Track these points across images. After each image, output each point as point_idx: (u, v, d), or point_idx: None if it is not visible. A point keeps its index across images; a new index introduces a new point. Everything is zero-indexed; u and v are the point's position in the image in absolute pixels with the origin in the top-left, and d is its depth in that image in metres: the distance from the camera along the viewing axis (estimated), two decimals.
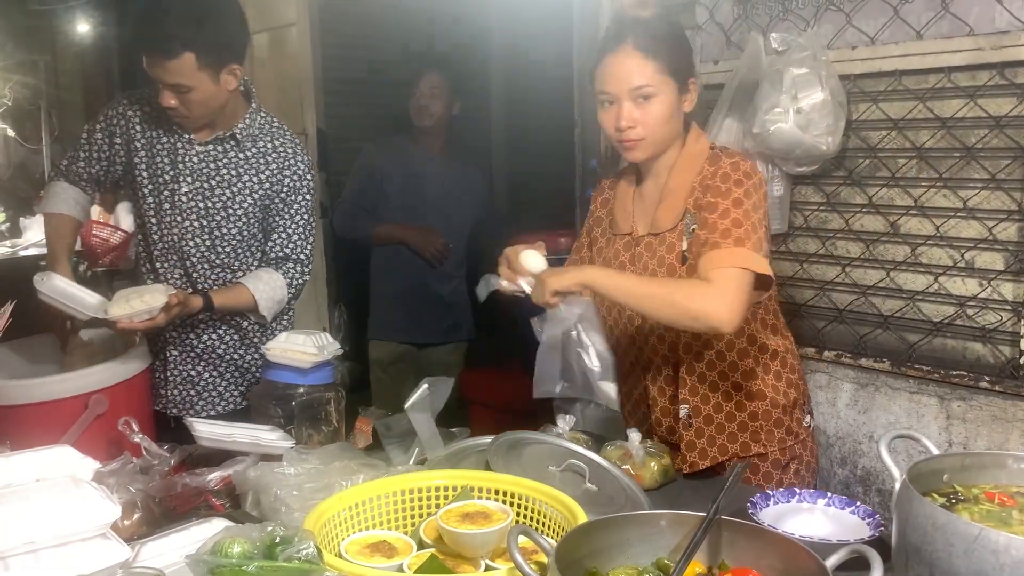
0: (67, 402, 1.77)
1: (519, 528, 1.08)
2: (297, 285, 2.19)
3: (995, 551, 0.99)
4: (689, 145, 1.79)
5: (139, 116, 2.15)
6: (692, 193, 1.74)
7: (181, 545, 1.27)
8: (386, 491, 1.38)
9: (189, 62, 1.91)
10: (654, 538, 1.16)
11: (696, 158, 1.77)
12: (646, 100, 1.69)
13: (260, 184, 2.12)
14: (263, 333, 2.25)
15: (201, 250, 2.14)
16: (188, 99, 1.97)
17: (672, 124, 1.74)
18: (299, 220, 2.16)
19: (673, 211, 1.76)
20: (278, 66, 4.51)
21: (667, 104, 1.70)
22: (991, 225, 2.12)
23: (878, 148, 2.29)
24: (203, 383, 2.24)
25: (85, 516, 1.12)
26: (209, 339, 2.21)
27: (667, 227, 1.76)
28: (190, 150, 2.11)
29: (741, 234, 1.63)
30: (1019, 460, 1.23)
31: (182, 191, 2.11)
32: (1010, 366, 2.12)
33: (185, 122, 2.07)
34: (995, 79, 2.07)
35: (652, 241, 1.78)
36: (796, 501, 1.51)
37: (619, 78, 1.70)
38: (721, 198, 1.68)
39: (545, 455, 1.60)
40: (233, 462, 1.60)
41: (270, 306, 2.12)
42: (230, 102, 2.08)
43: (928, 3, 2.15)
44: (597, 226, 1.98)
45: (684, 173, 1.76)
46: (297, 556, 1.08)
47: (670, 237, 1.75)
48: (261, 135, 2.14)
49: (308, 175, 2.17)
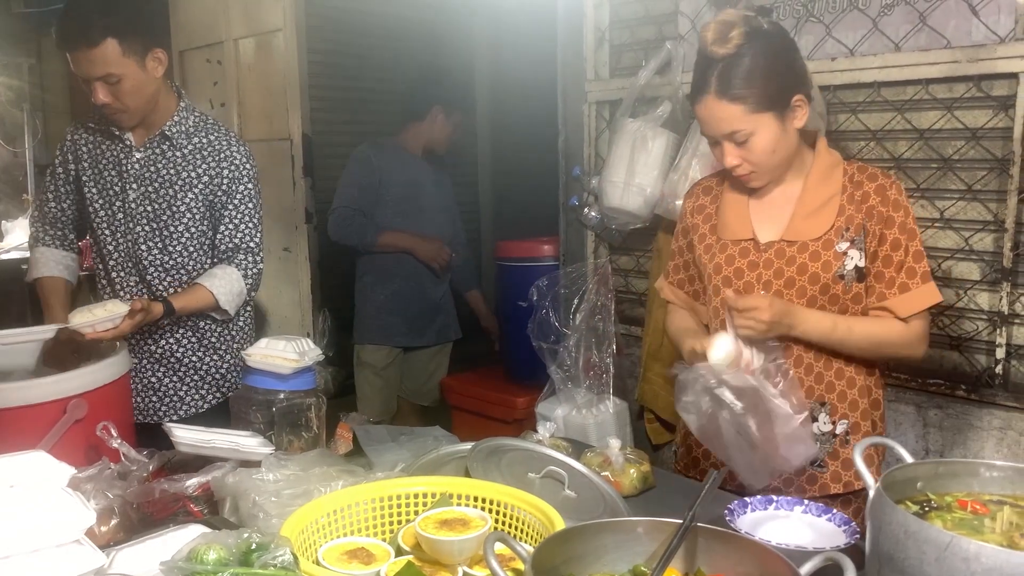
0: (45, 407, 1.75)
1: (496, 535, 1.08)
2: (252, 275, 2.19)
3: (966, 559, 0.99)
4: (822, 155, 1.74)
5: (84, 138, 2.23)
6: (843, 212, 1.69)
7: (157, 552, 1.26)
8: (365, 498, 1.38)
9: (113, 48, 1.97)
10: (631, 545, 1.17)
11: (832, 169, 1.72)
12: (745, 140, 1.64)
13: (199, 178, 2.14)
14: (221, 336, 2.25)
15: (154, 253, 2.17)
16: (120, 90, 2.02)
17: (782, 148, 1.67)
18: (244, 209, 2.17)
19: (817, 222, 1.70)
20: (264, 72, 4.50)
21: (768, 137, 1.64)
22: (968, 235, 2.15)
23: (857, 158, 2.31)
24: (163, 389, 2.24)
25: (59, 523, 1.11)
26: (167, 343, 2.22)
27: (811, 236, 1.69)
28: (131, 157, 2.16)
29: (924, 268, 1.68)
30: (992, 468, 1.24)
31: (130, 198, 2.16)
32: (986, 375, 2.14)
33: (122, 118, 2.09)
34: (972, 91, 2.10)
35: (786, 248, 1.71)
36: (773, 508, 1.51)
37: (711, 125, 1.66)
38: (899, 231, 1.67)
39: (525, 462, 1.60)
40: (211, 468, 1.59)
41: (230, 299, 2.14)
42: (161, 99, 2.13)
43: (906, 16, 2.18)
44: (693, 233, 1.87)
45: (824, 185, 1.71)
46: (273, 563, 1.08)
47: (814, 246, 1.69)
48: (196, 131, 2.17)
49: (247, 164, 2.18)
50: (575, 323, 2.81)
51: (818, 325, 1.67)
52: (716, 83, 1.61)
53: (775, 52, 1.63)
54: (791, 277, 1.70)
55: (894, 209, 1.67)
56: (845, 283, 1.69)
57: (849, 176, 1.72)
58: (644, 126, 2.61)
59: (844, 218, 1.69)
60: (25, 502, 1.15)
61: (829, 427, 1.75)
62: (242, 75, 4.62)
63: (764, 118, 1.62)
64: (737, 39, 1.59)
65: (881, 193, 1.68)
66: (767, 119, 1.62)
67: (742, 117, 1.61)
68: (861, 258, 1.68)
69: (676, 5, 2.69)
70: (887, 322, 1.70)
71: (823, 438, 1.75)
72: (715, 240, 1.81)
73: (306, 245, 4.43)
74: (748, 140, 1.64)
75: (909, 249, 1.68)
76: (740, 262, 1.75)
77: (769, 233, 1.74)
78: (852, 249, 1.68)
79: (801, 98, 1.66)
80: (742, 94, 1.60)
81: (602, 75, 2.96)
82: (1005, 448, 2.09)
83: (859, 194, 1.69)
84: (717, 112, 1.63)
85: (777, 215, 1.75)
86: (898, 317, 1.68)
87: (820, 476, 1.76)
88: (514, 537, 1.32)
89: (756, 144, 1.64)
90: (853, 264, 1.68)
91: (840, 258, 1.68)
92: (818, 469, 1.76)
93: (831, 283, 1.68)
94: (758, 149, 1.65)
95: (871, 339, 1.70)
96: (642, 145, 2.60)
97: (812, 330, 1.67)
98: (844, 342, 1.69)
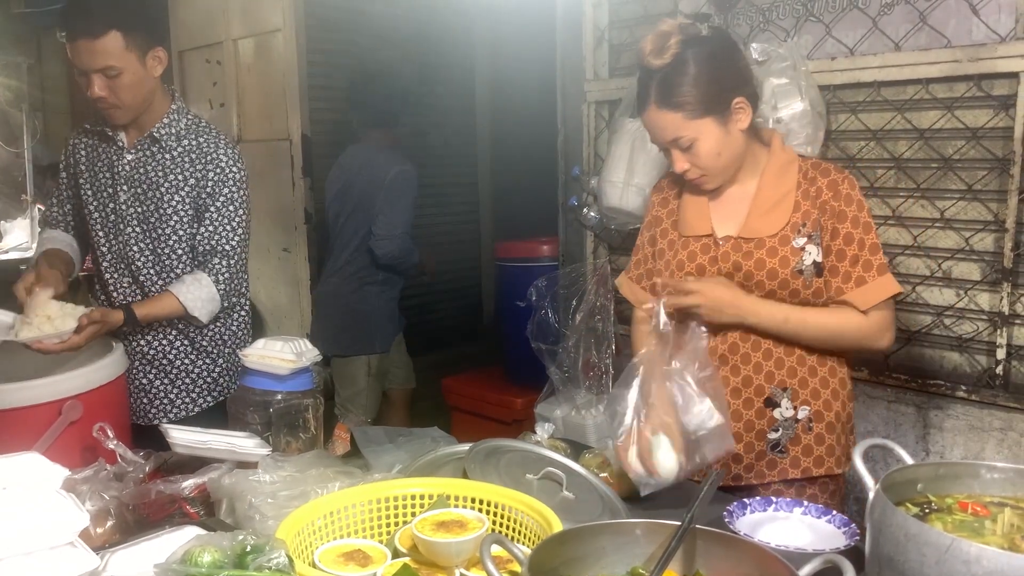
0: (40, 408, 1.75)
1: (492, 537, 1.07)
2: (224, 279, 2.15)
3: (966, 561, 0.99)
4: (776, 153, 1.77)
5: (83, 141, 2.25)
6: (799, 208, 1.71)
7: (152, 554, 1.25)
8: (362, 499, 1.37)
9: (116, 41, 1.98)
10: (629, 547, 1.16)
11: (788, 166, 1.75)
12: (689, 145, 1.68)
13: (185, 181, 2.14)
14: (213, 339, 2.24)
15: (145, 254, 2.17)
16: (117, 84, 2.02)
17: (727, 151, 1.70)
18: (224, 212, 2.15)
19: (774, 219, 1.72)
20: (263, 72, 4.50)
21: (711, 141, 1.67)
22: (968, 235, 2.14)
23: (857, 158, 2.31)
24: (155, 391, 2.23)
25: (52, 525, 1.10)
26: (160, 346, 2.21)
27: (768, 233, 1.72)
28: (122, 159, 2.16)
29: (880, 260, 1.70)
30: (992, 470, 1.24)
31: (121, 200, 2.16)
32: (986, 375, 2.14)
33: (115, 113, 2.09)
34: (972, 91, 2.09)
35: (743, 244, 1.73)
36: (773, 510, 1.50)
37: (655, 133, 1.72)
38: (852, 225, 1.69)
39: (523, 463, 1.59)
40: (208, 469, 1.58)
41: (198, 305, 2.10)
42: (156, 99, 2.13)
43: (906, 15, 2.17)
44: (656, 226, 1.90)
45: (779, 181, 1.74)
46: (268, 565, 1.07)
47: (771, 242, 1.71)
48: (186, 134, 2.17)
49: (233, 168, 2.16)
50: (574, 323, 2.80)
51: (771, 317, 1.70)
52: (656, 93, 1.66)
53: (712, 57, 1.66)
54: (749, 271, 1.72)
55: (846, 204, 1.69)
56: (805, 278, 1.70)
57: (804, 172, 1.74)
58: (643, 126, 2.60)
59: (800, 214, 1.72)
60: (18, 504, 1.14)
61: (791, 412, 1.76)
62: (241, 75, 4.62)
63: (704, 123, 1.66)
64: (674, 48, 1.63)
65: (833, 188, 1.70)
66: (708, 124, 1.66)
67: (682, 124, 1.66)
68: (819, 253, 1.71)
69: (675, 5, 2.68)
70: (845, 314, 1.71)
71: (785, 423, 1.77)
72: (676, 236, 1.84)
73: (305, 245, 4.44)
74: (692, 145, 1.68)
75: (864, 243, 1.69)
76: (701, 258, 1.78)
77: (727, 229, 1.77)
78: (810, 244, 1.70)
79: (742, 100, 1.68)
80: (680, 102, 1.64)
81: (601, 75, 2.95)
82: (1006, 449, 2.09)
83: (813, 190, 1.72)
84: (659, 121, 1.68)
85: (735, 212, 1.78)
86: (859, 310, 1.69)
87: (780, 461, 1.78)
88: (512, 539, 1.31)
89: (700, 149, 1.68)
90: (811, 259, 1.70)
91: (798, 254, 1.70)
92: (779, 454, 1.77)
93: (790, 278, 1.70)
94: (703, 153, 1.68)
95: (827, 331, 1.72)
96: (641, 145, 2.59)
97: (764, 322, 1.71)
98: (799, 334, 1.72)
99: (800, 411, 1.77)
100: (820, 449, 1.77)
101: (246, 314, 2.33)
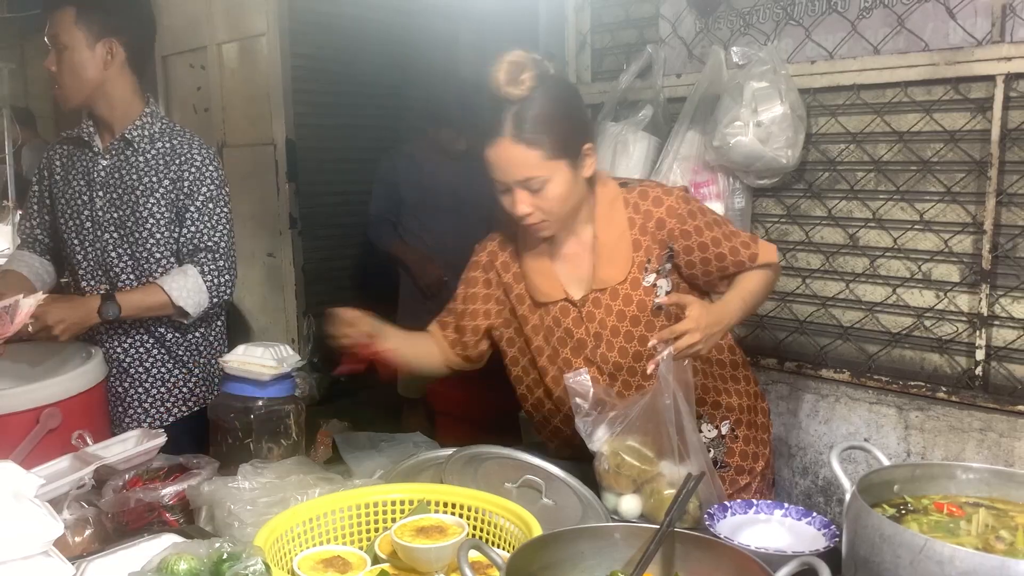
0: (17, 416, 1.73)
1: (470, 542, 1.07)
2: (211, 272, 2.13)
3: (940, 562, 0.99)
4: (600, 195, 1.70)
5: (58, 152, 2.25)
6: (640, 246, 1.68)
7: (129, 562, 1.24)
8: (341, 505, 1.36)
9: (68, 15, 2.04)
10: (608, 551, 1.16)
11: (614, 203, 1.70)
12: (540, 187, 1.59)
13: (160, 182, 2.13)
14: (188, 349, 2.22)
15: (124, 259, 2.15)
16: (62, 60, 2.07)
17: (574, 197, 1.64)
18: (205, 211, 2.14)
19: (618, 265, 1.68)
20: (247, 76, 4.49)
21: (563, 184, 1.60)
22: (947, 237, 2.16)
23: (837, 161, 2.32)
24: (128, 399, 2.21)
25: (26, 534, 1.09)
26: (137, 353, 2.19)
27: (617, 281, 1.68)
28: (97, 165, 2.16)
29: (745, 238, 1.73)
30: (968, 470, 1.25)
31: (97, 206, 2.15)
32: (966, 376, 2.15)
33: (57, 93, 2.14)
34: (950, 94, 2.11)
35: (600, 298, 1.69)
36: (753, 512, 1.51)
37: (506, 170, 1.59)
38: (707, 230, 1.69)
39: (502, 471, 1.58)
40: (187, 477, 1.57)
41: (185, 296, 2.08)
42: (123, 100, 2.14)
43: (885, 19, 2.19)
44: (510, 292, 1.80)
45: (612, 225, 1.69)
46: (244, 573, 1.06)
47: (623, 289, 1.68)
48: (160, 136, 2.16)
49: (210, 167, 2.16)
50: None
51: (738, 309, 1.68)
52: (511, 126, 1.56)
53: (566, 98, 1.63)
54: (615, 326, 1.69)
55: (690, 218, 1.68)
56: (665, 312, 1.69)
57: (633, 206, 1.69)
58: (626, 129, 2.61)
59: (642, 252, 1.68)
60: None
61: (715, 432, 1.80)
62: (226, 80, 4.61)
63: (559, 165, 1.58)
64: (529, 81, 1.55)
65: (672, 213, 1.67)
66: (562, 166, 1.59)
67: (538, 163, 1.57)
68: (669, 285, 1.70)
69: (657, 9, 2.70)
70: (754, 274, 1.74)
71: (713, 443, 1.80)
72: (532, 303, 1.76)
73: (291, 250, 4.42)
74: (543, 187, 1.59)
75: (729, 236, 1.71)
76: (565, 321, 1.72)
77: (580, 288, 1.72)
78: (660, 279, 1.69)
79: (591, 146, 1.64)
80: (538, 139, 1.56)
81: (584, 79, 2.95)
82: (986, 449, 2.10)
83: (652, 224, 1.68)
84: (514, 157, 1.57)
85: (580, 267, 1.72)
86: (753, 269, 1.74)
87: (726, 475, 1.80)
88: (492, 544, 1.31)
89: (551, 191, 1.59)
90: (663, 292, 1.69)
91: (651, 292, 1.68)
92: (721, 470, 1.79)
93: (652, 318, 1.68)
94: (552, 196, 1.60)
95: (760, 289, 1.74)
96: (623, 148, 2.60)
97: (735, 315, 1.68)
98: (749, 307, 1.72)
99: (723, 427, 1.81)
100: (751, 447, 1.84)
101: (222, 324, 2.31)
